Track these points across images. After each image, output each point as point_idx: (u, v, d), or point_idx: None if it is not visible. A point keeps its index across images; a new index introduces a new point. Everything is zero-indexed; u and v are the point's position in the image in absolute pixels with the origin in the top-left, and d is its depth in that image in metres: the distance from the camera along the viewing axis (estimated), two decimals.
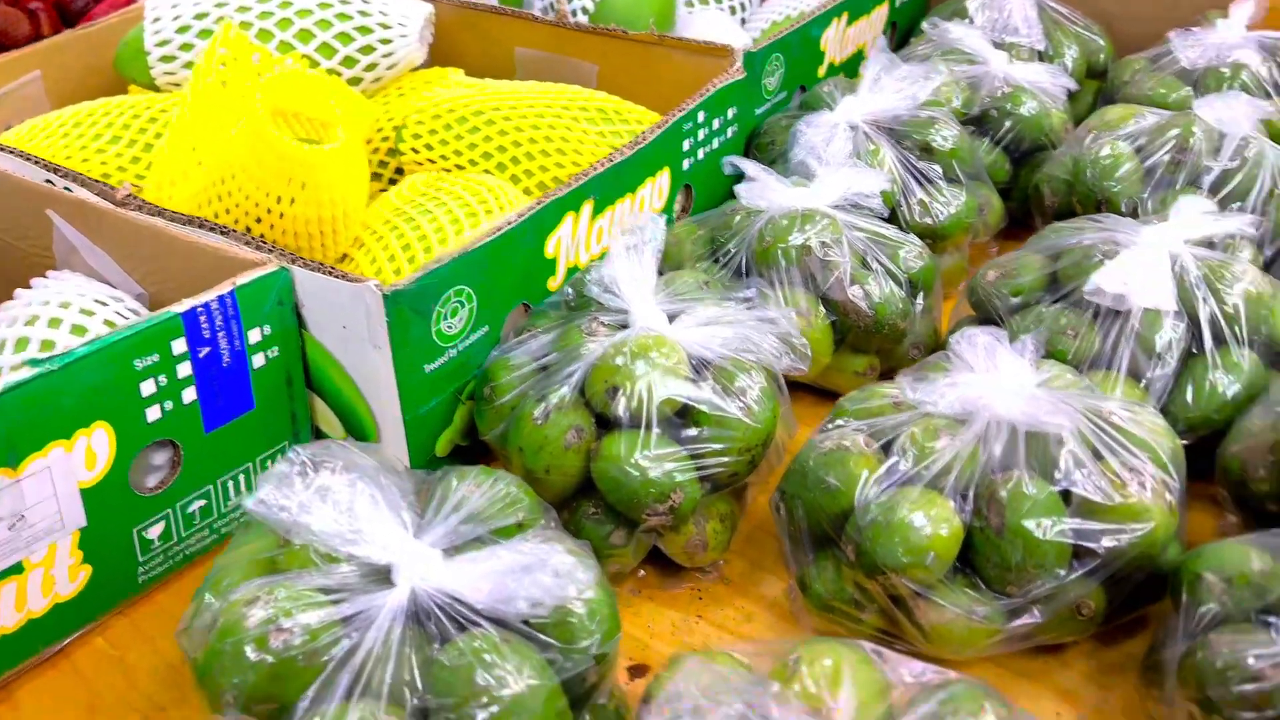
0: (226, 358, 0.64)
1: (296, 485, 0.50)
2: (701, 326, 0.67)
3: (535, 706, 0.47)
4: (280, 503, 0.49)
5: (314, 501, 0.50)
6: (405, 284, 0.63)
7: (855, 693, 0.45)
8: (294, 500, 0.49)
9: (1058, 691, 0.60)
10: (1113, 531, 0.56)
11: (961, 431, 0.59)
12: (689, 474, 0.63)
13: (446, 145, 0.87)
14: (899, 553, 0.56)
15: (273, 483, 0.50)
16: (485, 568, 0.50)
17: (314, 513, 0.49)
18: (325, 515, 0.50)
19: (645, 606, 0.67)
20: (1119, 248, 0.71)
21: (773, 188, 0.78)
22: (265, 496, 0.49)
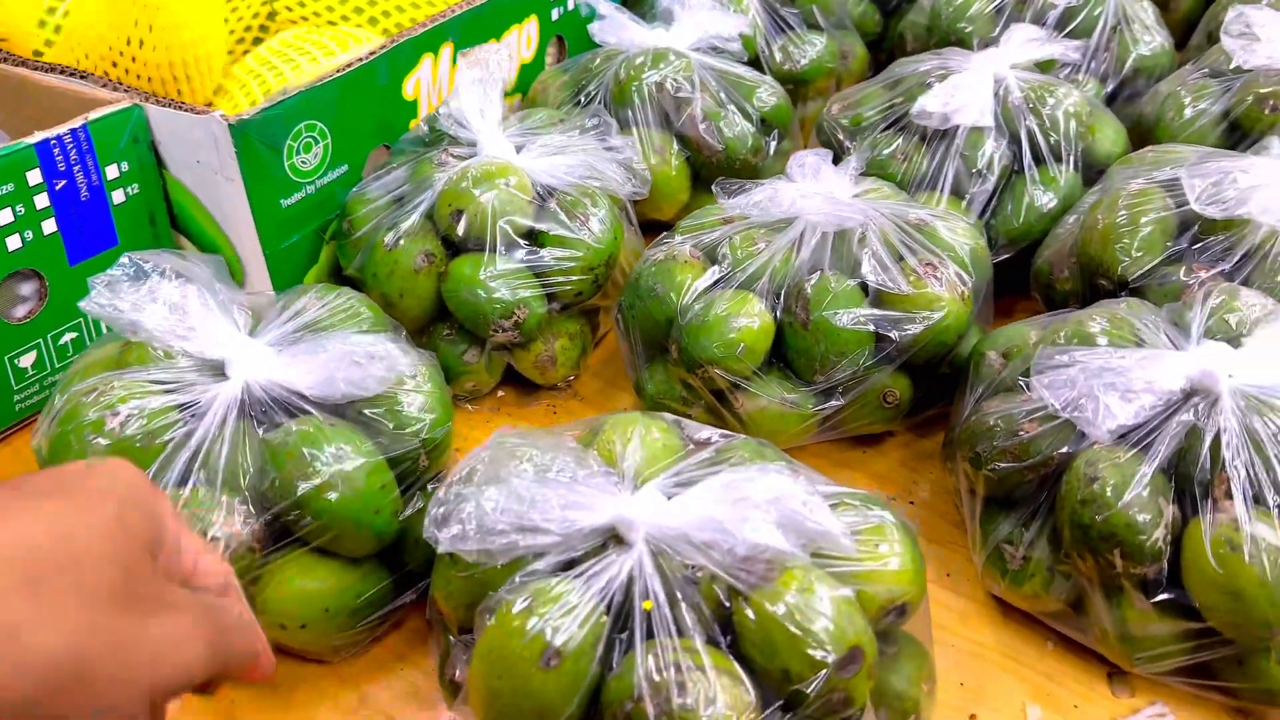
0: (84, 192, 0.67)
1: (128, 288, 0.53)
2: (548, 156, 0.70)
3: (357, 478, 0.51)
4: (114, 304, 0.52)
5: (145, 302, 0.53)
6: (251, 114, 0.66)
7: (644, 449, 0.50)
8: (126, 300, 0.53)
9: (871, 476, 0.66)
10: (906, 320, 0.60)
11: (778, 237, 0.63)
12: (533, 291, 0.66)
13: (319, 1, 0.88)
14: (714, 346, 0.60)
15: (103, 284, 0.53)
16: (313, 360, 0.53)
17: (146, 311, 0.53)
18: (157, 314, 0.53)
19: (501, 421, 0.71)
20: (950, 73, 0.75)
21: (626, 26, 0.81)
22: (98, 298, 0.52)
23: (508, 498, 0.46)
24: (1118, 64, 0.86)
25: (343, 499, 0.50)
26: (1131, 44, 0.86)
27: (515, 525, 0.45)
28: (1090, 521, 0.49)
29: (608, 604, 0.44)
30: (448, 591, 0.49)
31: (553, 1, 0.89)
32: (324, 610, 0.52)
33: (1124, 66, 0.86)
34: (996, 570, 0.55)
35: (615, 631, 0.44)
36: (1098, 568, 0.50)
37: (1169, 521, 0.48)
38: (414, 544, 0.55)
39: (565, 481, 0.46)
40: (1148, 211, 0.62)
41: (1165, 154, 0.66)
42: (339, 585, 0.53)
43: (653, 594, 0.44)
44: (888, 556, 0.46)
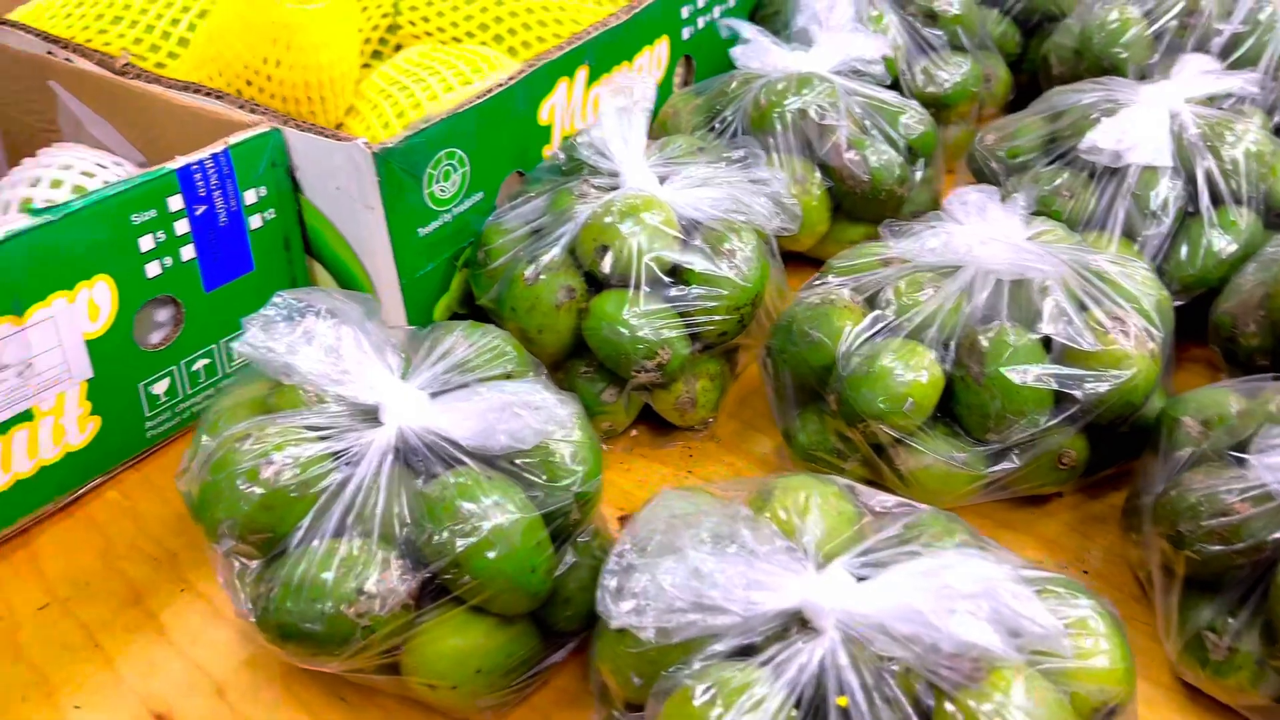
0: (223, 217, 0.65)
1: (282, 328, 0.51)
2: (692, 188, 0.67)
3: (515, 535, 0.48)
4: (267, 344, 0.51)
5: (300, 343, 0.51)
6: (394, 142, 0.64)
7: (823, 519, 0.46)
8: (281, 342, 0.51)
9: (1040, 540, 0.62)
10: (1093, 378, 0.56)
11: (946, 283, 0.59)
12: (677, 331, 0.64)
13: (444, 17, 0.86)
14: (878, 400, 0.56)
15: (258, 325, 0.51)
16: (469, 407, 0.51)
17: (301, 354, 0.51)
18: (312, 356, 0.51)
19: (638, 463, 0.68)
20: (1118, 106, 0.70)
21: (770, 50, 0.78)
22: (251, 339, 0.51)
23: (686, 573, 0.43)
24: None
25: (501, 558, 0.48)
26: None
27: (694, 604, 0.42)
28: None
29: (797, 697, 0.41)
30: (615, 665, 0.46)
31: (684, 21, 0.86)
32: (476, 671, 0.50)
33: None
34: (1195, 659, 0.50)
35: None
36: None
37: None
38: (563, 603, 0.53)
39: (745, 557, 0.43)
40: None
41: None
42: (491, 645, 0.50)
43: (847, 688, 0.41)
44: (1097, 653, 0.43)
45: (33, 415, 0.59)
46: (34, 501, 0.62)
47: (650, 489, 0.66)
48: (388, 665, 0.50)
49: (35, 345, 0.58)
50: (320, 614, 0.47)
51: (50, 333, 0.58)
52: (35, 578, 0.62)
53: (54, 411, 0.60)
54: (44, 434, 0.60)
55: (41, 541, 0.64)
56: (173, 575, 0.62)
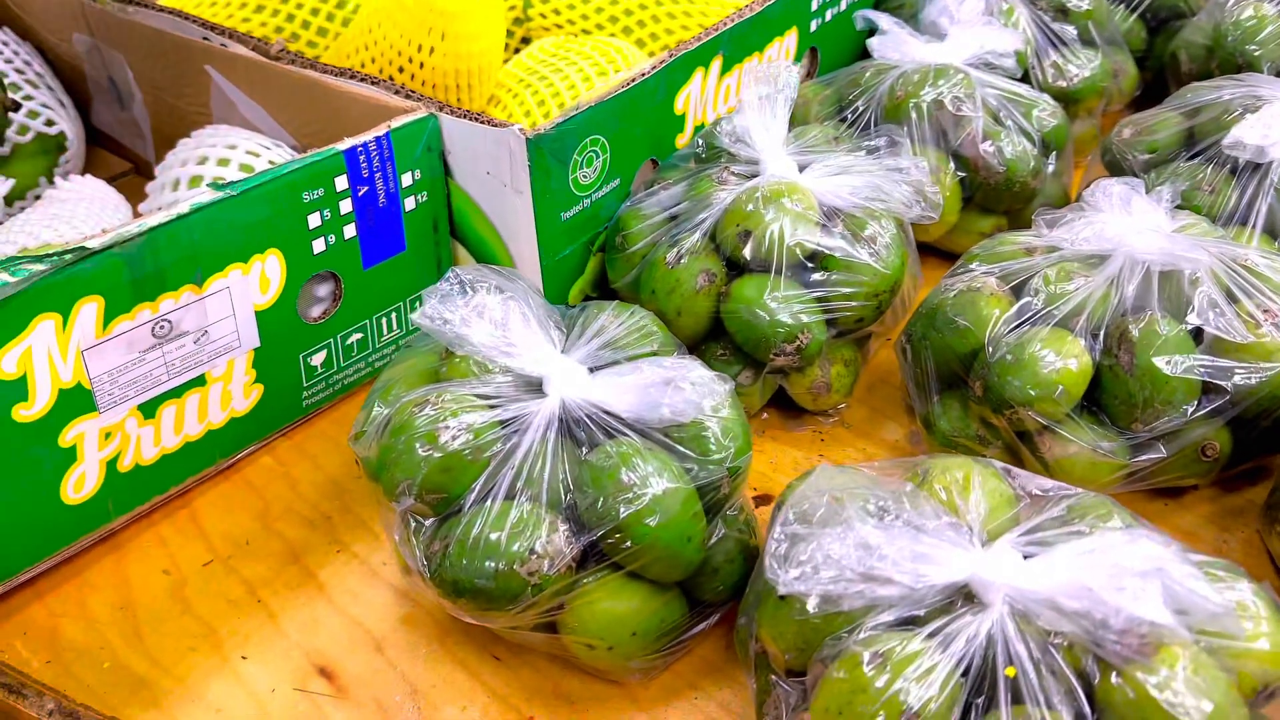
0: (382, 198, 0.68)
1: (456, 302, 0.54)
2: (832, 176, 0.68)
3: (673, 505, 0.50)
4: (444, 316, 0.53)
5: (472, 317, 0.54)
6: (547, 129, 0.66)
7: (985, 498, 0.47)
8: (455, 314, 0.53)
9: (1177, 532, 0.62)
10: (1243, 370, 0.56)
11: (1095, 273, 0.59)
12: (816, 317, 0.65)
13: (574, 9, 0.89)
14: (1027, 386, 0.57)
15: (435, 298, 0.54)
16: (629, 381, 0.53)
17: (473, 326, 0.53)
18: (483, 330, 0.53)
19: (769, 445, 0.70)
20: (1261, 102, 0.70)
21: (906, 41, 0.78)
22: (429, 311, 0.53)
23: (854, 544, 0.44)
24: None
25: (661, 525, 0.50)
26: None
27: (863, 574, 0.44)
28: None
29: (965, 667, 0.42)
30: (777, 631, 0.47)
31: (813, 13, 0.87)
32: (631, 634, 0.52)
33: None
34: None
35: (972, 697, 0.42)
36: None
37: None
38: (711, 573, 0.54)
39: (911, 531, 0.45)
40: None
41: None
42: (646, 610, 0.52)
43: (1016, 659, 0.42)
44: (1261, 635, 0.43)
45: (205, 381, 0.63)
46: (199, 464, 0.66)
47: (783, 471, 0.68)
48: (546, 624, 0.53)
49: (212, 314, 0.61)
50: (492, 571, 0.49)
51: (225, 302, 0.62)
52: (198, 536, 0.65)
53: (224, 378, 0.64)
54: (213, 399, 0.64)
55: (201, 503, 0.67)
56: (329, 537, 0.65)
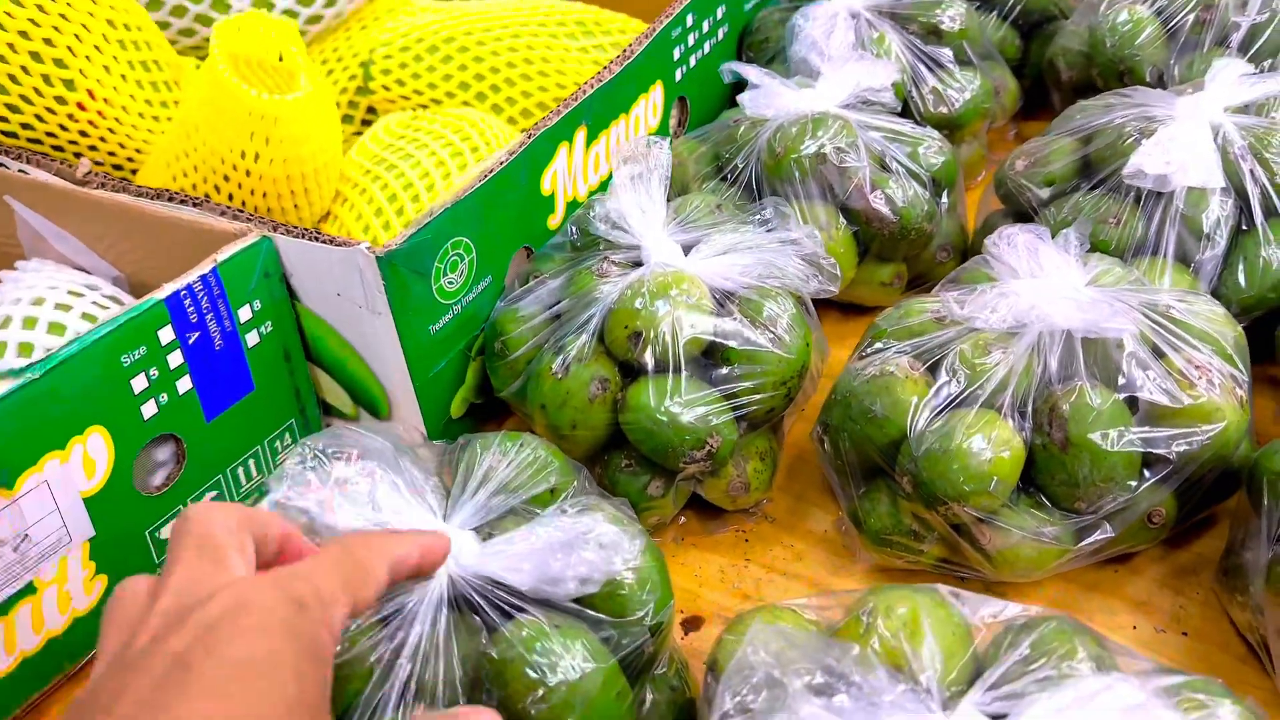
0: (218, 340, 0.60)
1: (312, 481, 0.46)
2: (720, 256, 0.63)
3: (592, 689, 0.44)
4: (298, 504, 0.46)
5: (333, 497, 0.46)
6: (398, 243, 0.59)
7: (938, 643, 0.42)
8: (311, 499, 0.46)
9: (1131, 603, 0.58)
10: (1184, 435, 0.52)
11: (1013, 344, 0.55)
12: (724, 415, 0.59)
13: (419, 79, 0.81)
14: (960, 481, 0.52)
15: (286, 483, 0.46)
16: (524, 548, 0.46)
17: (335, 509, 0.46)
18: (348, 511, 0.46)
19: (690, 554, 0.64)
20: (1155, 123, 0.66)
21: (778, 93, 0.73)
22: (281, 499, 0.46)
23: None
24: None
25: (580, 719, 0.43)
26: None
27: None
28: None
29: None
30: None
31: (676, 63, 0.81)
32: None
33: None
34: None
35: None
36: None
37: None
38: None
39: (865, 708, 0.39)
40: None
41: None
42: None
43: None
44: None
45: (35, 588, 0.54)
46: (44, 675, 0.57)
47: (709, 584, 0.62)
48: None
49: (30, 515, 0.52)
50: None
51: (44, 499, 0.53)
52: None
53: (57, 580, 0.55)
54: (48, 605, 0.55)
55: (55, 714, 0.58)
56: None
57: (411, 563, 0.41)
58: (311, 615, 0.35)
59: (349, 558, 0.39)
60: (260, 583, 0.36)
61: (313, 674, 0.34)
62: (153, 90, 0.75)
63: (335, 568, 0.38)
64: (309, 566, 0.37)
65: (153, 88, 0.75)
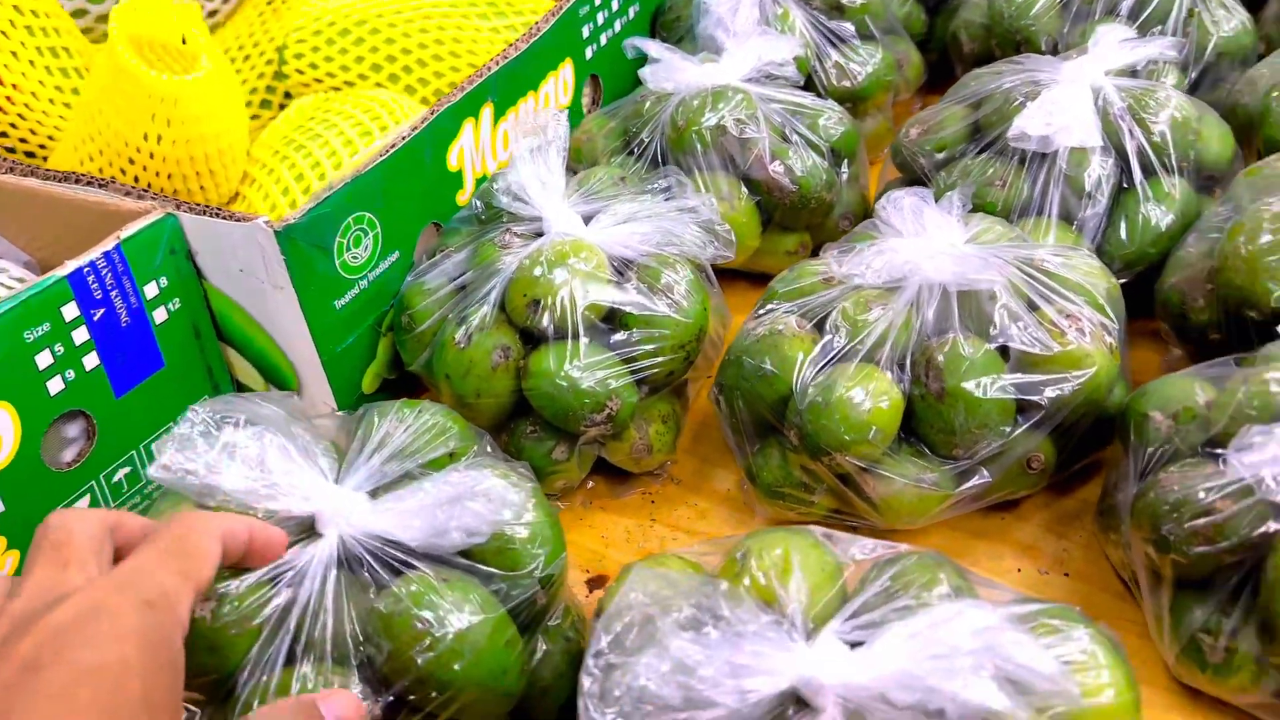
0: (125, 317, 0.61)
1: (200, 445, 0.47)
2: (619, 225, 0.64)
3: (480, 639, 0.45)
4: (185, 466, 0.46)
5: (221, 460, 0.47)
6: (297, 217, 0.60)
7: (806, 579, 0.44)
8: (199, 462, 0.47)
9: (1017, 546, 0.60)
10: (1055, 381, 0.54)
11: (893, 300, 0.57)
12: (623, 379, 0.61)
13: (332, 61, 0.82)
14: (841, 431, 0.54)
15: (173, 446, 0.47)
16: (413, 504, 0.48)
17: (223, 471, 0.47)
18: (236, 472, 0.47)
19: (598, 517, 0.65)
20: (1040, 88, 0.69)
21: (679, 67, 0.75)
22: (168, 461, 0.47)
23: (669, 666, 0.40)
24: (1198, 50, 0.80)
25: (469, 666, 0.45)
26: (1211, 26, 0.80)
27: (683, 699, 0.40)
28: None
29: None
30: None
31: (586, 40, 0.83)
32: None
33: (1205, 52, 0.80)
34: (1194, 663, 0.49)
35: None
36: None
37: None
38: (540, 694, 0.50)
39: (731, 639, 0.41)
40: None
41: None
42: None
43: None
44: (1104, 687, 0.41)
45: None
46: None
47: (615, 545, 0.63)
48: None
49: None
50: None
51: None
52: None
53: None
54: None
55: None
56: None
57: (241, 539, 0.42)
58: (161, 614, 0.36)
59: (180, 544, 0.39)
60: (109, 586, 0.36)
61: (162, 678, 0.35)
62: (62, 76, 0.76)
63: (171, 558, 0.38)
64: (147, 560, 0.38)
65: (62, 74, 0.76)
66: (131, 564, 0.38)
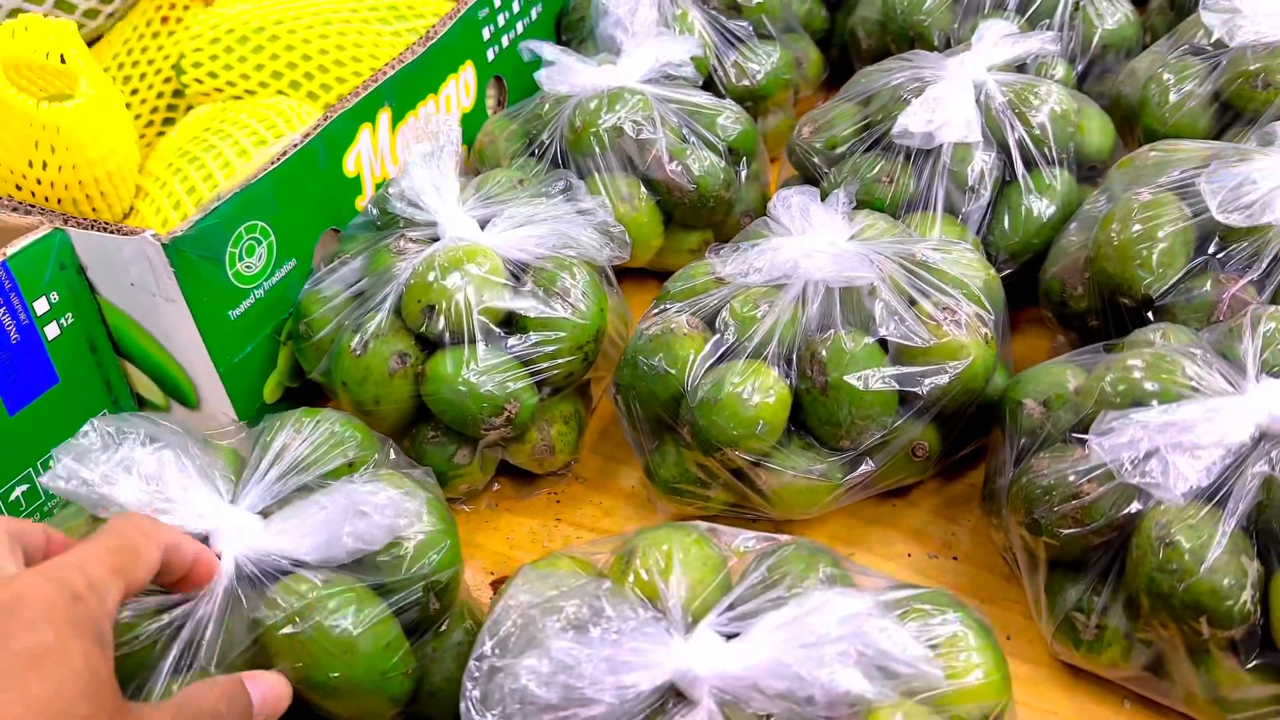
0: (14, 334, 0.60)
1: (97, 459, 0.47)
2: (515, 229, 0.65)
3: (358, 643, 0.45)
4: (81, 476, 0.46)
5: (117, 473, 0.47)
6: (184, 229, 0.59)
7: (686, 574, 0.45)
8: (95, 473, 0.46)
9: (908, 532, 0.62)
10: (933, 372, 0.56)
11: (779, 297, 0.58)
12: (522, 381, 0.61)
13: (231, 70, 0.81)
14: (730, 427, 0.55)
15: (70, 455, 0.47)
16: (307, 521, 0.48)
17: (119, 484, 0.46)
18: (132, 486, 0.47)
19: (503, 519, 0.66)
20: (925, 84, 0.70)
21: (575, 69, 0.75)
22: (63, 471, 0.46)
23: (550, 666, 0.41)
24: (1084, 42, 0.83)
25: (345, 667, 0.45)
26: (1096, 19, 0.83)
27: (563, 698, 0.41)
28: (1170, 590, 0.46)
29: None
30: None
31: (488, 42, 0.83)
32: None
33: (1091, 44, 0.82)
34: (1069, 640, 0.51)
35: None
36: (1181, 635, 0.47)
37: (1255, 580, 0.45)
38: (428, 698, 0.50)
39: (611, 636, 0.42)
40: (1163, 223, 0.58)
41: (1169, 154, 0.62)
42: None
43: None
44: (972, 668, 0.42)
45: None
46: None
47: (520, 546, 0.64)
48: None
49: None
50: None
51: None
52: None
53: None
54: None
55: None
56: None
57: (187, 556, 0.43)
58: (88, 604, 0.37)
59: (120, 540, 0.40)
60: (33, 577, 0.37)
61: (100, 656, 0.36)
62: None
63: (107, 554, 0.39)
64: (80, 555, 0.38)
65: None
66: (66, 557, 0.38)
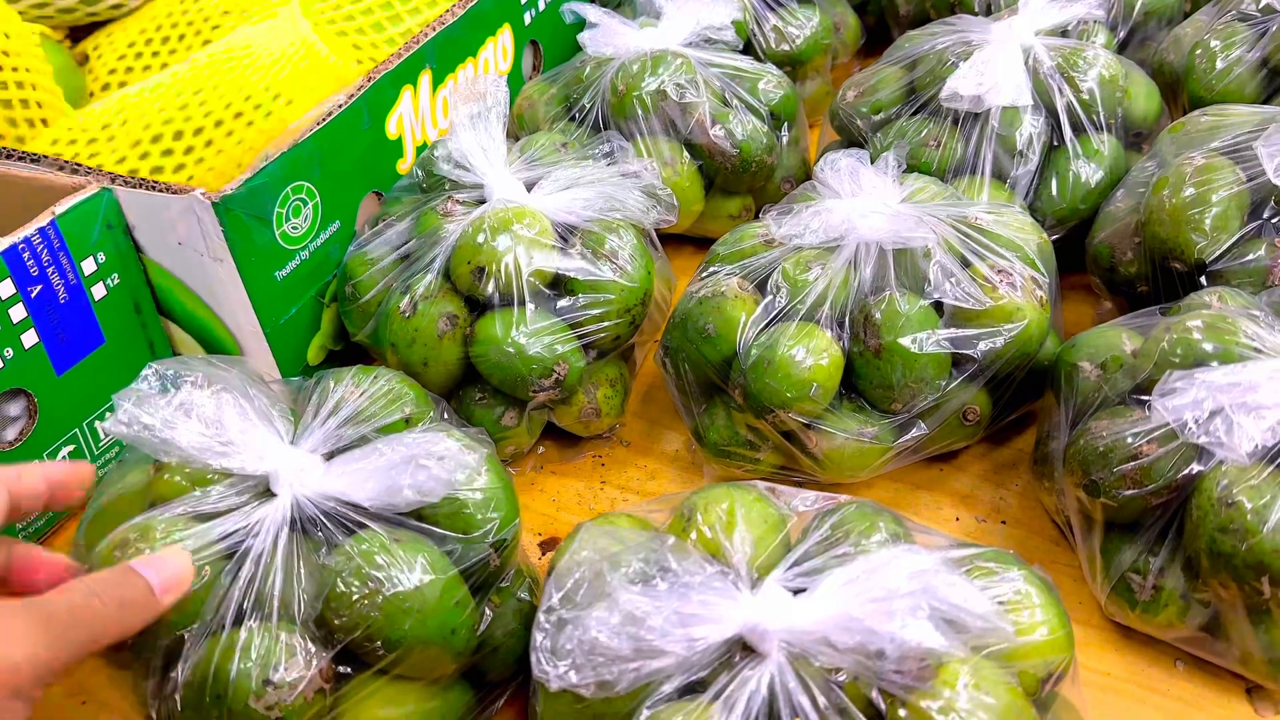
0: (63, 293, 0.60)
1: (157, 402, 0.47)
2: (562, 191, 0.64)
3: (430, 598, 0.46)
4: (142, 421, 0.46)
5: (178, 417, 0.47)
6: (234, 188, 0.59)
7: (750, 531, 0.45)
8: (156, 417, 0.46)
9: (955, 496, 0.62)
10: (987, 335, 0.56)
11: (831, 259, 0.58)
12: (570, 344, 0.61)
13: None
14: (783, 389, 0.55)
15: (131, 401, 0.47)
16: (368, 465, 0.48)
17: (179, 428, 0.47)
18: (192, 430, 0.47)
19: (549, 481, 0.66)
20: (972, 48, 0.70)
21: (618, 31, 0.75)
22: (124, 417, 0.46)
23: (619, 618, 0.41)
24: (1126, 9, 0.82)
25: (418, 623, 0.46)
26: None
27: (633, 649, 0.41)
28: (1232, 550, 0.46)
29: None
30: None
31: (525, 6, 0.82)
32: None
33: (1133, 12, 0.82)
34: (1124, 600, 0.51)
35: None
36: (1242, 595, 0.47)
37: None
38: (492, 653, 0.51)
39: (679, 590, 0.42)
40: (1218, 187, 0.58)
41: (1222, 118, 0.62)
42: (424, 709, 0.48)
43: (799, 708, 0.40)
44: (1038, 625, 0.43)
45: None
46: None
47: (566, 507, 0.64)
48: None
49: None
50: (229, 715, 0.44)
51: None
52: None
53: None
54: None
55: None
56: (70, 684, 0.57)
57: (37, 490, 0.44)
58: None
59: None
60: None
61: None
62: None
63: None
64: None
65: None
66: None
